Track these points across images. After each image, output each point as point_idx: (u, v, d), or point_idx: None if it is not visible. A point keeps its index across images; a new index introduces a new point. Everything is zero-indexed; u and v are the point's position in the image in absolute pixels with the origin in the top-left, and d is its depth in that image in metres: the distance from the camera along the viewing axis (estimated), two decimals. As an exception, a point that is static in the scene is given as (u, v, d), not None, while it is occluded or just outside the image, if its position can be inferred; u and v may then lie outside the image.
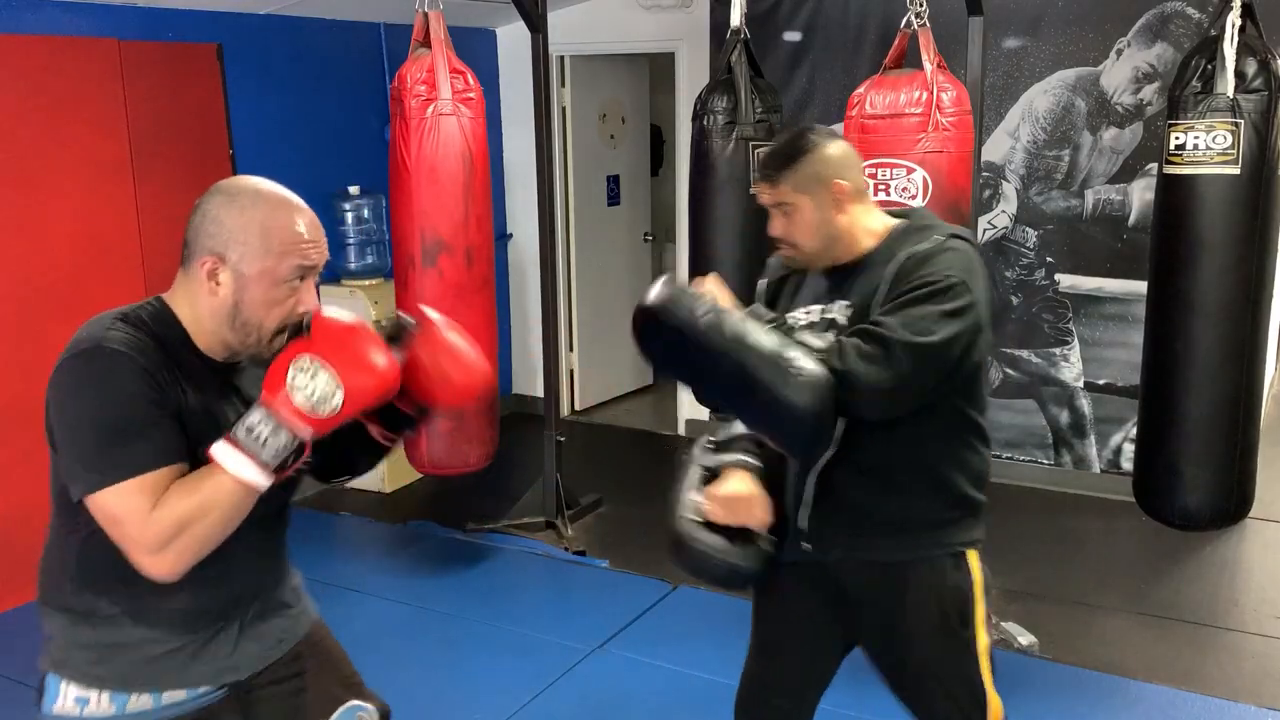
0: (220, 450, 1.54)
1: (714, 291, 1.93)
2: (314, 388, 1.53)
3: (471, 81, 3.86)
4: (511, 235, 6.01)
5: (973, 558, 2.09)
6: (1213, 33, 2.97)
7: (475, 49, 5.29)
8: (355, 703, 1.92)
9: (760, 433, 2.00)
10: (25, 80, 3.80)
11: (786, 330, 1.95)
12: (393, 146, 3.88)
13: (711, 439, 2.18)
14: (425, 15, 3.78)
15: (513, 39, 5.66)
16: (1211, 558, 4.25)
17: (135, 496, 1.51)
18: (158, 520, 1.51)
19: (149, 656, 1.69)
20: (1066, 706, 3.22)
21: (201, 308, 1.62)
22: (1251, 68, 2.92)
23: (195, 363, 1.63)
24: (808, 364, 1.80)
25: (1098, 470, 4.84)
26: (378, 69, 5.14)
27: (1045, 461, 4.95)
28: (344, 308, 1.76)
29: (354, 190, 4.98)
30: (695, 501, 2.06)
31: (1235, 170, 2.93)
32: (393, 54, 5.11)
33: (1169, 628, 3.72)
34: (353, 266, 4.99)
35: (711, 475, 2.11)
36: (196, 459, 1.57)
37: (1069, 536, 4.44)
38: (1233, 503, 3.17)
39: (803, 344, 1.87)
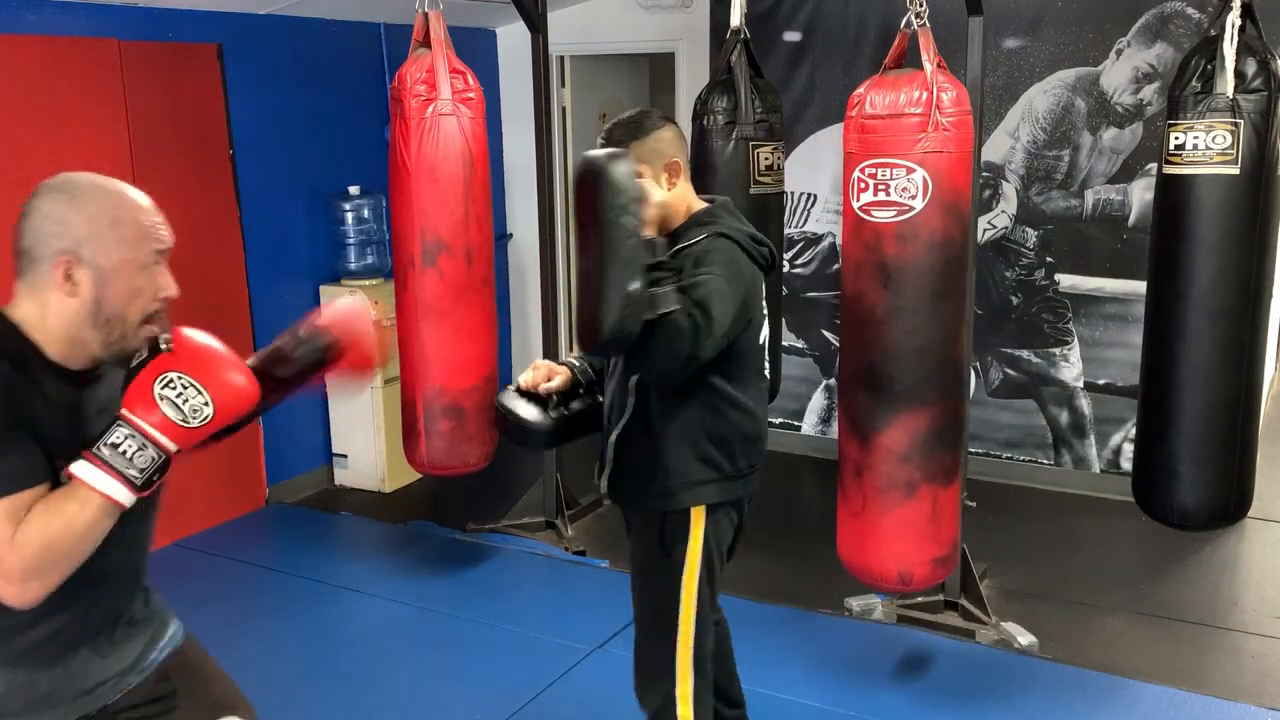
0: (83, 468, 1.50)
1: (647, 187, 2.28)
2: (184, 401, 1.52)
3: (471, 81, 3.86)
4: (511, 235, 6.01)
5: (698, 513, 2.38)
6: (1212, 33, 2.97)
7: (475, 49, 5.29)
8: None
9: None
10: (25, 80, 3.80)
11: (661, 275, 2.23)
12: (393, 146, 3.88)
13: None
14: (425, 15, 3.78)
15: (513, 39, 5.66)
16: (1211, 558, 4.25)
17: None
18: (21, 545, 1.45)
19: (9, 693, 1.61)
20: (1066, 706, 3.22)
21: (56, 313, 1.55)
22: (1251, 68, 2.92)
23: (49, 376, 1.57)
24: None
25: (1098, 470, 4.84)
26: (378, 69, 5.14)
27: (1045, 461, 4.95)
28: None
29: (354, 190, 4.97)
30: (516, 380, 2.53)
31: (1235, 170, 2.93)
32: (393, 54, 5.11)
33: (1169, 628, 3.72)
34: (353, 266, 4.99)
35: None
36: (56, 476, 1.53)
37: (1069, 536, 4.44)
38: (1232, 502, 3.17)
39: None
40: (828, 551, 3.47)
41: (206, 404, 1.53)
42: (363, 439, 5.04)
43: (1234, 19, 2.89)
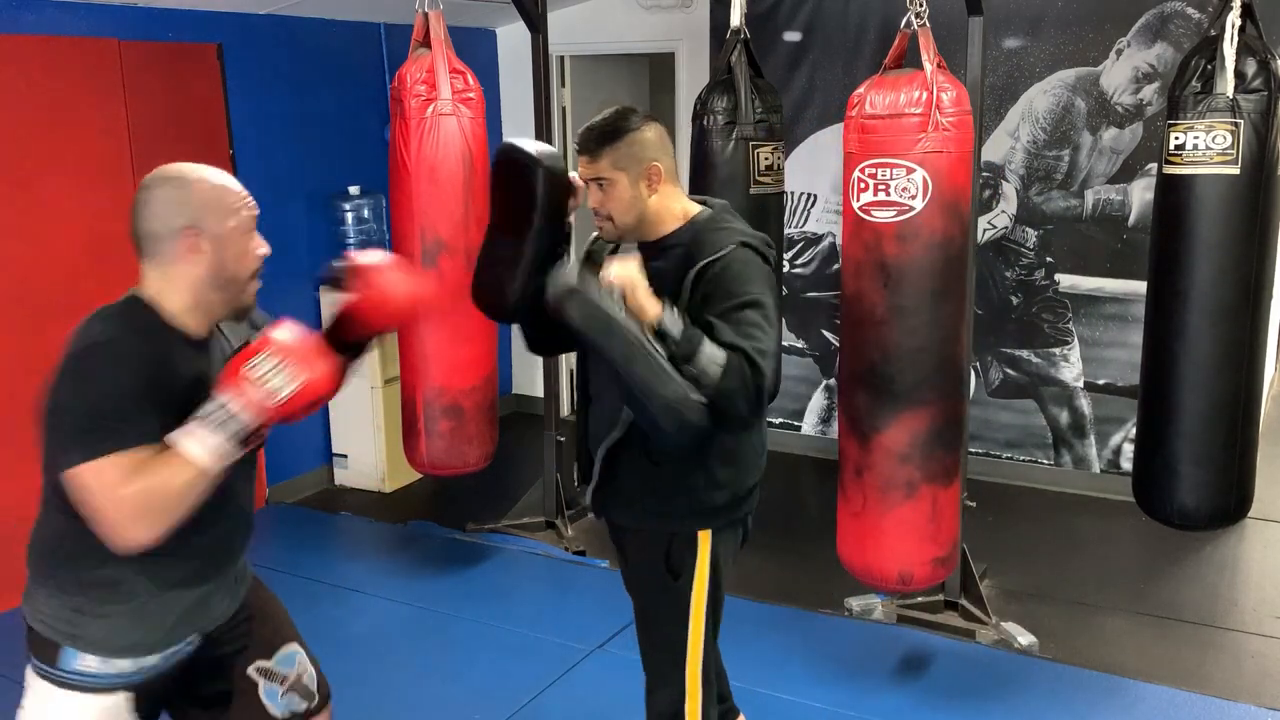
0: (179, 436, 1.72)
1: (624, 278, 2.05)
2: (273, 379, 1.75)
3: (471, 81, 3.86)
4: (511, 235, 6.00)
5: (705, 535, 2.29)
6: (1212, 33, 2.97)
7: (475, 49, 5.29)
8: (295, 647, 2.13)
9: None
10: (25, 80, 3.80)
11: (692, 340, 2.04)
12: (393, 146, 3.88)
13: None
14: (425, 15, 3.78)
15: (513, 39, 5.66)
16: (1211, 558, 4.25)
17: (108, 472, 1.67)
18: (126, 496, 1.68)
19: (162, 616, 1.88)
20: (1066, 706, 3.22)
21: (183, 283, 1.81)
22: (1251, 68, 2.92)
23: (179, 345, 1.82)
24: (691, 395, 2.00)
25: (1098, 470, 4.84)
26: (378, 69, 5.14)
27: (1045, 461, 4.95)
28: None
29: (354, 190, 4.98)
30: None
31: (1235, 170, 2.93)
32: (393, 54, 5.11)
33: (1169, 628, 3.72)
34: (353, 266, 4.99)
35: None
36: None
37: (1069, 536, 4.44)
38: (1232, 503, 3.17)
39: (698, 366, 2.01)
40: (828, 551, 3.47)
41: (291, 384, 1.76)
42: (363, 439, 5.04)
43: (1234, 19, 2.90)
